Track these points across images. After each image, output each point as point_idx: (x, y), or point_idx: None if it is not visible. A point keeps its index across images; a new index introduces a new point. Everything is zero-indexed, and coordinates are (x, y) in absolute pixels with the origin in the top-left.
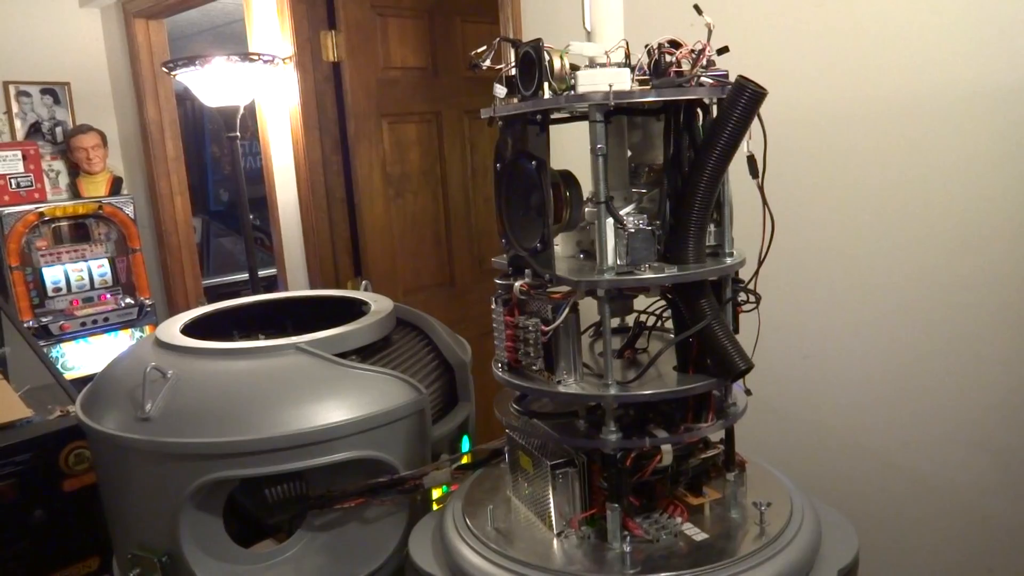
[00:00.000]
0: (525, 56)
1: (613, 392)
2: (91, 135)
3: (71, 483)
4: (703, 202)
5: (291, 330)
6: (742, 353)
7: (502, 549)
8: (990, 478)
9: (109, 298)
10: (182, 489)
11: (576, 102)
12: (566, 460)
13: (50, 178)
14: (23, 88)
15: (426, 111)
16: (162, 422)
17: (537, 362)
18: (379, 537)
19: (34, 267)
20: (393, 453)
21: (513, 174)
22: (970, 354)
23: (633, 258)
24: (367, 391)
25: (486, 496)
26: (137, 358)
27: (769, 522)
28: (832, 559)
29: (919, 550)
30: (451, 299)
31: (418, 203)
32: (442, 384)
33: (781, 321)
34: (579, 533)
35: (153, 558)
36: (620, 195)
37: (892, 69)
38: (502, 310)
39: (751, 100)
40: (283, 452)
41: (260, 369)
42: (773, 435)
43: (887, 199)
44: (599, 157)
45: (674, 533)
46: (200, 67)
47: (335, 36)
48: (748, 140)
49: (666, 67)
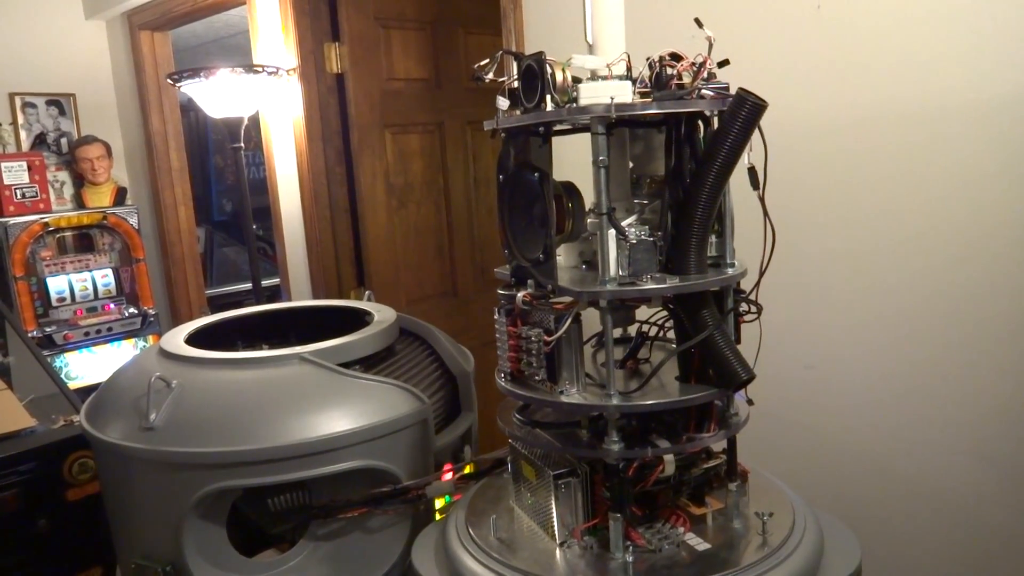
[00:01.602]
0: (528, 69)
1: (615, 402)
2: (96, 146)
3: (75, 493)
4: (704, 213)
5: (294, 340)
6: (744, 363)
7: (505, 559)
8: (991, 487)
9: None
10: (186, 499)
11: (578, 114)
12: (569, 470)
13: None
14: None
15: (429, 122)
16: (166, 432)
17: (540, 372)
18: (382, 547)
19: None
20: (396, 463)
21: (516, 185)
22: (970, 363)
23: (635, 269)
24: (370, 401)
25: (489, 506)
26: (141, 368)
27: (771, 532)
28: (835, 569)
29: (920, 559)
30: (454, 309)
31: (421, 213)
32: (445, 394)
33: (783, 331)
34: (582, 543)
35: (157, 568)
36: (622, 206)
37: (892, 78)
38: (505, 320)
39: (751, 112)
40: (287, 462)
41: (264, 379)
42: (775, 445)
43: (887, 208)
44: (601, 169)
45: (676, 543)
46: (205, 79)
47: (339, 48)
48: (749, 151)
49: (667, 80)
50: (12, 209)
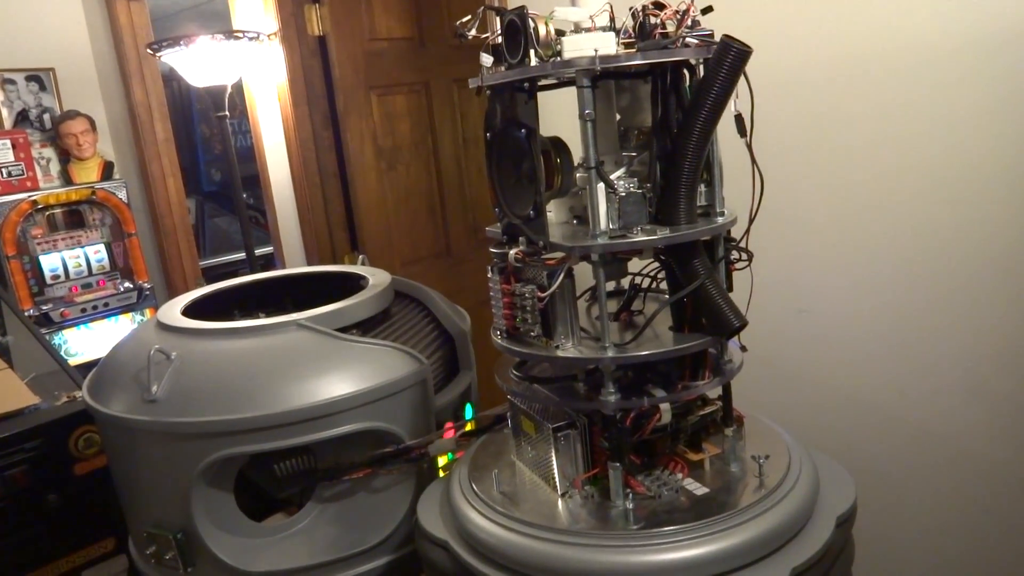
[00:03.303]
0: (510, 24)
1: (611, 355)
2: (80, 120)
3: (82, 467)
4: (693, 163)
5: (291, 307)
6: (736, 311)
7: (508, 511)
8: (986, 425)
9: (108, 283)
10: (192, 467)
11: (563, 68)
12: (567, 423)
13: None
14: (8, 76)
15: (414, 82)
16: (169, 403)
17: (535, 328)
18: (388, 506)
19: (31, 255)
20: (398, 423)
21: (503, 143)
22: (965, 302)
23: (625, 221)
24: (369, 364)
25: (491, 461)
26: (140, 341)
27: (768, 474)
28: (830, 507)
29: (917, 497)
30: (448, 269)
31: (411, 175)
32: (443, 354)
33: (775, 277)
34: (582, 493)
35: (168, 535)
36: (610, 159)
37: (883, 20)
38: (499, 278)
39: (737, 59)
40: (290, 427)
41: (263, 347)
42: (770, 390)
43: (879, 152)
44: (587, 123)
45: (675, 489)
46: (185, 47)
47: (319, 9)
48: (735, 99)
49: (651, 29)
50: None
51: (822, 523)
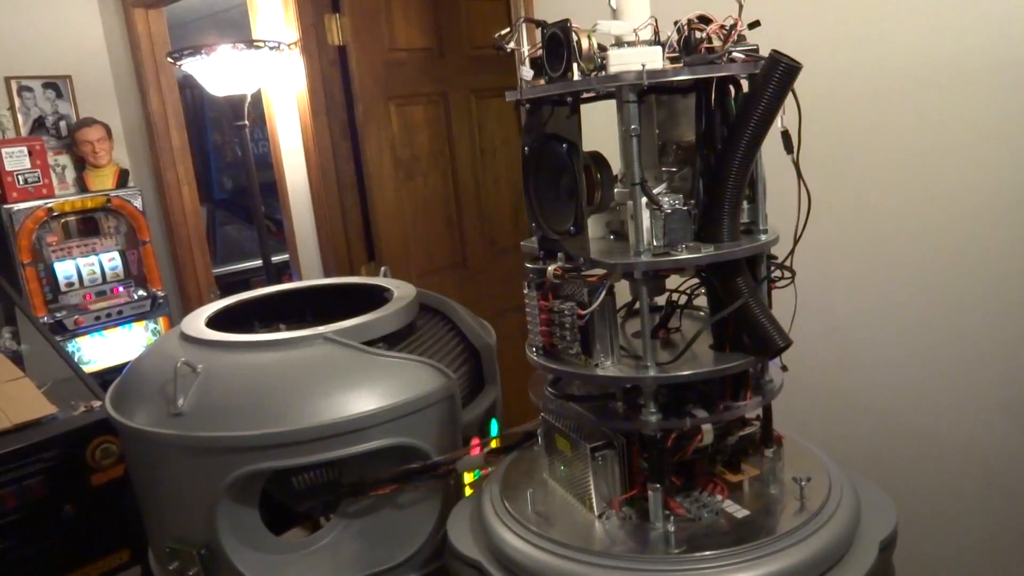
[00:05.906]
0: (552, 37)
1: (653, 374)
2: (96, 128)
3: (99, 477)
4: (738, 180)
5: (311, 319)
6: (780, 330)
7: (544, 532)
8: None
9: (122, 291)
10: (218, 482)
11: (608, 83)
12: (605, 442)
13: (56, 173)
14: (25, 83)
15: (433, 92)
16: (195, 417)
17: (574, 346)
18: (414, 522)
19: (46, 263)
20: (425, 439)
21: (542, 157)
22: (1001, 323)
23: (670, 239)
24: (397, 378)
25: (523, 480)
26: (164, 353)
27: (809, 497)
28: (873, 532)
29: (954, 517)
30: (464, 280)
31: (428, 185)
32: (468, 368)
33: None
34: (620, 514)
35: (192, 551)
36: (651, 174)
37: (928, 37)
38: (536, 294)
39: (785, 75)
40: (318, 442)
41: (289, 360)
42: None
43: (916, 169)
44: (633, 138)
45: (715, 511)
46: (206, 56)
47: (340, 19)
48: (782, 115)
49: (696, 43)
50: (15, 195)
51: (864, 548)
